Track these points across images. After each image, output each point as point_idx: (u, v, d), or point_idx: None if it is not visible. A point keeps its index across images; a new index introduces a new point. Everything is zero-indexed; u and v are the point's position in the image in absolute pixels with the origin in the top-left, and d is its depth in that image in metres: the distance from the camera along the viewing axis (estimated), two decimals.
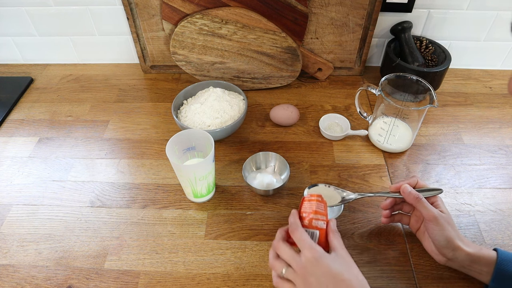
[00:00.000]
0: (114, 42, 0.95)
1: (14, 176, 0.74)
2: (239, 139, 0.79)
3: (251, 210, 0.67)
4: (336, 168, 0.73)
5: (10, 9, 0.90)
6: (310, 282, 0.46)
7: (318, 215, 0.50)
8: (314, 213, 0.49)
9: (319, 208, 0.50)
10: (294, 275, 0.48)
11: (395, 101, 0.72)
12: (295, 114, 0.80)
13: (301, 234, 0.48)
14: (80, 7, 0.88)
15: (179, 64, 0.89)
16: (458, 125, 0.82)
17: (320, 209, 0.50)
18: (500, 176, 0.72)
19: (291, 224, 0.49)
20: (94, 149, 0.78)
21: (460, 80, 0.94)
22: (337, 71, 0.94)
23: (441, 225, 0.53)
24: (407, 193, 0.56)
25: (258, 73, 0.89)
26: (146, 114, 0.86)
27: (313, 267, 0.46)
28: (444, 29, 0.89)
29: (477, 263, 0.53)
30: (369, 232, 0.63)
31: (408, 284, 0.57)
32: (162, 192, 0.70)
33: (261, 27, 0.81)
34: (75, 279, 0.58)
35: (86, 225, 0.65)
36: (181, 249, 0.62)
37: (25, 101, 0.90)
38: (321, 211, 0.50)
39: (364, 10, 0.82)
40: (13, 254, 0.62)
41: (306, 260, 0.46)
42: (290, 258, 0.48)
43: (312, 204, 0.50)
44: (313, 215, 0.49)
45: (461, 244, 0.53)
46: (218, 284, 0.58)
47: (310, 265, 0.46)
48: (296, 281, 0.48)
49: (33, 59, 1.01)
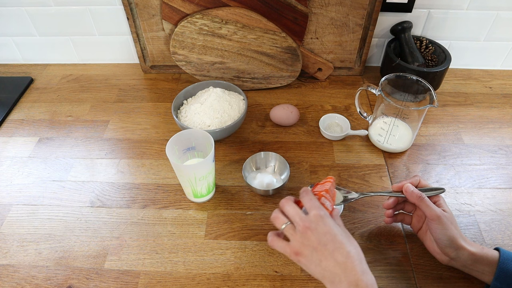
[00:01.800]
0: (114, 42, 0.95)
1: (14, 176, 0.74)
2: (239, 139, 0.79)
3: (251, 210, 0.67)
4: (336, 168, 0.73)
5: (10, 9, 0.90)
6: (309, 237, 0.47)
7: (328, 195, 0.51)
8: (326, 191, 0.51)
9: (331, 189, 0.52)
10: (293, 231, 0.48)
11: (395, 101, 0.72)
12: (295, 114, 0.80)
13: (311, 197, 0.49)
14: (80, 7, 0.88)
15: (179, 64, 0.89)
16: (458, 125, 0.82)
17: (331, 190, 0.52)
18: (500, 176, 0.72)
19: (303, 190, 0.51)
20: (94, 149, 0.78)
21: (460, 80, 0.94)
22: (337, 71, 0.94)
23: (444, 224, 0.53)
24: (410, 192, 0.56)
25: (258, 73, 0.89)
26: (146, 114, 0.86)
27: (317, 224, 0.47)
28: (444, 29, 0.89)
29: (480, 262, 0.53)
30: (369, 232, 0.63)
31: (408, 284, 0.57)
32: (162, 192, 0.70)
33: (261, 27, 0.81)
34: (75, 279, 0.58)
35: (86, 225, 0.65)
36: (181, 249, 0.62)
37: (25, 101, 0.90)
38: (332, 192, 0.52)
39: (364, 10, 0.82)
40: (13, 254, 0.62)
41: (313, 215, 0.48)
42: (295, 213, 0.49)
43: (326, 185, 0.53)
44: (324, 193, 0.51)
45: (464, 243, 0.53)
46: (218, 284, 0.58)
47: (315, 222, 0.47)
48: (294, 237, 0.48)
49: (33, 59, 1.01)
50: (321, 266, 0.46)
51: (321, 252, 0.46)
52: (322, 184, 0.54)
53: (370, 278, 0.45)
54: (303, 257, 0.47)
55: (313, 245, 0.46)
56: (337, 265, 0.45)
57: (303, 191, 0.51)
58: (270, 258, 0.60)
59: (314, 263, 0.47)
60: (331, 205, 0.51)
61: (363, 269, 0.46)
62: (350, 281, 0.45)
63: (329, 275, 0.46)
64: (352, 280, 0.45)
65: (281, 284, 0.57)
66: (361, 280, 0.44)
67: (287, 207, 0.50)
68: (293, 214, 0.49)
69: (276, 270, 0.59)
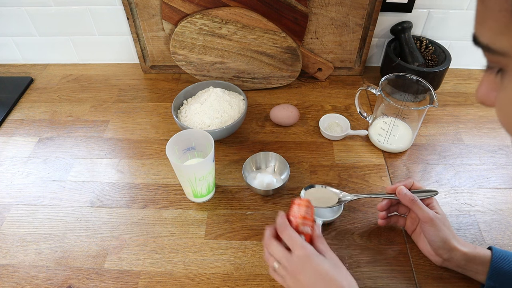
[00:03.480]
0: (114, 42, 0.95)
1: (14, 176, 0.74)
2: (239, 139, 0.79)
3: (251, 210, 0.67)
4: (336, 168, 0.73)
5: (10, 9, 0.90)
6: (300, 280, 0.47)
7: (306, 220, 0.50)
8: (302, 218, 0.50)
9: (307, 213, 0.50)
10: (285, 273, 0.48)
11: (395, 101, 0.72)
12: (295, 114, 0.80)
13: (291, 233, 0.48)
14: (80, 7, 0.88)
15: (179, 64, 0.89)
16: (458, 125, 0.82)
17: (308, 214, 0.50)
18: (500, 176, 0.72)
19: (280, 224, 0.50)
20: (94, 149, 0.78)
21: (460, 80, 0.94)
22: (337, 71, 0.94)
23: (436, 226, 0.54)
24: (403, 195, 0.57)
25: (258, 73, 0.89)
26: (146, 114, 0.86)
27: (304, 265, 0.46)
28: (444, 29, 0.89)
29: (473, 262, 0.53)
30: (369, 232, 0.63)
31: (408, 284, 0.57)
32: (162, 192, 0.70)
33: (261, 27, 0.81)
34: (75, 279, 0.58)
35: (86, 225, 0.65)
36: (181, 249, 0.62)
37: (25, 101, 0.90)
38: (309, 216, 0.50)
39: (364, 10, 0.82)
40: (13, 254, 0.62)
41: (298, 258, 0.47)
42: (281, 256, 0.48)
43: (301, 209, 0.50)
44: (301, 220, 0.49)
45: (457, 244, 0.54)
46: (218, 284, 0.58)
47: (301, 263, 0.47)
48: (286, 278, 0.48)
49: (33, 59, 1.01)
50: None
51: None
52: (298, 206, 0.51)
53: None
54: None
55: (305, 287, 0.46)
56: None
57: (279, 225, 0.50)
58: None
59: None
60: (311, 228, 0.50)
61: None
62: None
63: None
64: None
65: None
66: None
67: (271, 248, 0.49)
68: (279, 257, 0.48)
69: None
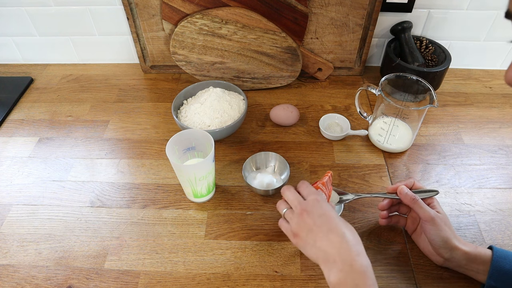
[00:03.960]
0: (114, 42, 0.95)
1: (14, 176, 0.74)
2: (239, 139, 0.79)
3: (251, 210, 0.67)
4: (336, 168, 0.73)
5: (10, 9, 0.90)
6: (305, 219, 0.48)
7: (324, 187, 0.54)
8: (322, 184, 0.55)
9: (327, 183, 0.56)
10: (292, 214, 0.51)
11: (395, 101, 0.72)
12: (295, 114, 0.80)
13: (309, 186, 0.52)
14: (80, 7, 0.88)
15: (179, 64, 0.89)
16: (458, 125, 0.82)
17: (328, 184, 0.56)
18: (500, 176, 0.72)
19: (302, 181, 0.54)
20: (94, 149, 0.78)
21: (460, 80, 0.94)
22: (337, 71, 0.94)
23: (438, 225, 0.54)
24: (404, 194, 0.57)
25: (258, 73, 0.89)
26: (146, 114, 0.86)
27: (313, 207, 0.49)
28: (444, 29, 0.89)
29: (474, 261, 0.53)
30: (369, 232, 0.63)
31: (408, 284, 0.57)
32: (162, 192, 0.70)
33: (261, 27, 0.81)
34: (75, 279, 0.58)
35: (86, 225, 0.65)
36: (181, 249, 0.62)
37: (25, 101, 0.90)
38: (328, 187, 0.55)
39: (364, 10, 0.82)
40: (13, 254, 0.62)
41: (310, 200, 0.50)
42: (294, 198, 0.51)
43: (324, 178, 0.57)
44: (321, 185, 0.54)
45: (458, 243, 0.54)
46: (218, 284, 0.58)
47: (311, 205, 0.49)
48: (292, 220, 0.50)
49: (33, 59, 1.01)
50: (316, 246, 0.47)
51: (316, 233, 0.47)
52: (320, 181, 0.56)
53: (365, 260, 0.45)
54: (300, 238, 0.49)
55: (308, 227, 0.48)
56: (331, 245, 0.46)
57: (301, 182, 0.54)
58: (270, 258, 0.60)
59: (309, 244, 0.48)
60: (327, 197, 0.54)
61: (358, 250, 0.46)
62: (344, 261, 0.44)
63: (323, 255, 0.46)
64: (346, 260, 0.44)
65: (281, 284, 0.57)
66: (355, 260, 0.44)
67: (287, 192, 0.53)
68: (292, 199, 0.51)
69: (276, 270, 0.59)
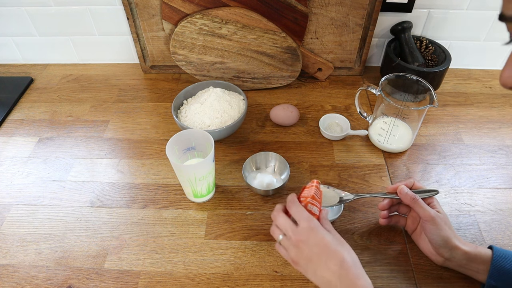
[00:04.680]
0: (114, 42, 0.95)
1: (14, 176, 0.74)
2: (239, 139, 0.79)
3: (251, 210, 0.67)
4: (336, 168, 0.73)
5: (10, 9, 0.90)
6: (301, 249, 0.48)
7: (315, 200, 0.52)
8: (312, 197, 0.52)
9: (316, 194, 0.52)
10: (288, 243, 0.50)
11: (395, 101, 0.72)
12: (295, 114, 0.80)
13: (298, 208, 0.50)
14: (80, 7, 0.88)
15: (179, 64, 0.89)
16: (458, 125, 0.82)
17: (317, 195, 0.53)
18: (500, 176, 0.72)
19: (290, 200, 0.51)
20: (94, 149, 0.78)
21: (460, 80, 0.94)
22: (337, 71, 0.94)
23: (438, 224, 0.54)
24: (404, 194, 0.57)
25: (258, 73, 0.89)
26: (146, 114, 0.86)
27: (309, 236, 0.48)
28: (444, 29, 0.89)
29: (474, 261, 0.53)
30: (369, 232, 0.63)
31: (408, 284, 0.57)
32: (162, 192, 0.70)
33: (261, 27, 0.81)
34: (75, 279, 0.58)
35: (86, 225, 0.65)
36: (181, 249, 0.62)
37: (25, 101, 0.90)
38: (317, 198, 0.52)
39: (364, 10, 0.82)
40: (13, 254, 0.62)
41: (303, 229, 0.49)
42: (287, 227, 0.50)
43: (311, 190, 0.53)
44: (310, 200, 0.51)
45: (458, 243, 0.54)
46: (218, 284, 0.58)
47: (306, 234, 0.48)
48: (289, 249, 0.50)
49: (33, 59, 1.01)
50: (316, 275, 0.48)
51: (315, 263, 0.48)
52: (308, 188, 0.54)
53: (364, 282, 0.46)
54: (300, 266, 0.49)
55: (307, 257, 0.48)
56: (331, 273, 0.46)
57: (289, 201, 0.51)
58: (270, 258, 0.60)
59: (310, 273, 0.48)
60: (318, 209, 0.52)
61: (357, 273, 0.47)
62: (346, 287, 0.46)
63: (326, 284, 0.47)
64: (348, 286, 0.46)
65: (281, 284, 0.57)
66: (356, 285, 0.46)
67: (279, 220, 0.51)
68: (285, 228, 0.50)
69: (276, 270, 0.59)
